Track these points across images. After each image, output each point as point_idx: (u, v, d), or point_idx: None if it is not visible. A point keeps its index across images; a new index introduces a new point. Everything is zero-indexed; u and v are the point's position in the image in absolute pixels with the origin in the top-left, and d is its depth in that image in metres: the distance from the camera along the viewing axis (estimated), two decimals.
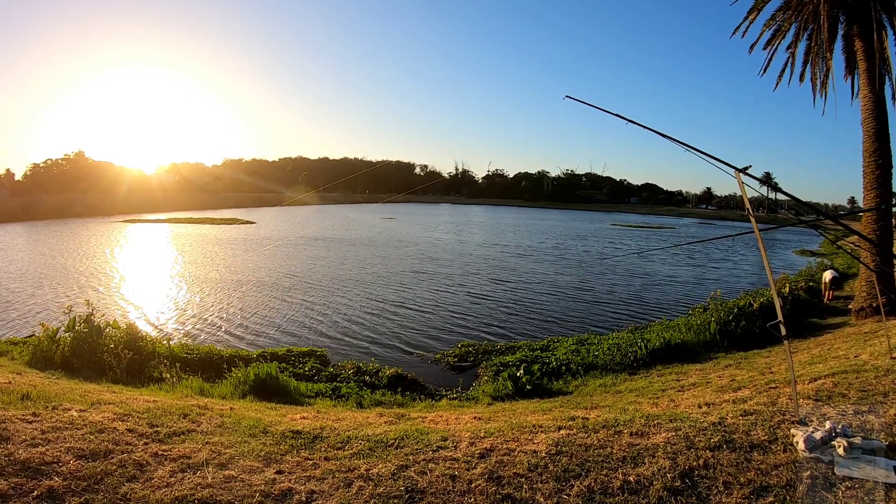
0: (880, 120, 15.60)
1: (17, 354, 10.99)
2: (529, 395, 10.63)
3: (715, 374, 10.44)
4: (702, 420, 5.46)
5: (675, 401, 7.56)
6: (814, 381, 7.11)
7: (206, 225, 61.30)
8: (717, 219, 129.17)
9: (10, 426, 4.75)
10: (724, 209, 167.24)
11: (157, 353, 11.78)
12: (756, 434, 4.95)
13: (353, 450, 5.03)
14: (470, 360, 14.33)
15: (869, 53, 15.62)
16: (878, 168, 15.50)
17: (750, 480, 4.09)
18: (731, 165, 4.73)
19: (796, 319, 16.00)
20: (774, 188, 5.11)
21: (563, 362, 13.19)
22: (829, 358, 9.66)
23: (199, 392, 9.46)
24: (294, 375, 12.03)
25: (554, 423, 5.83)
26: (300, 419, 6.54)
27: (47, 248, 36.97)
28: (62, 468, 4.09)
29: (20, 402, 5.72)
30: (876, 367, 7.51)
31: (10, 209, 65.18)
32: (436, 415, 7.73)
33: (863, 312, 15.36)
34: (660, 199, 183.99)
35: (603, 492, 4.03)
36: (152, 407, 6.20)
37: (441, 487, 4.14)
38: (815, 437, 4.55)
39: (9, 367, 9.40)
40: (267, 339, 16.13)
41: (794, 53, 18.44)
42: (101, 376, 9.90)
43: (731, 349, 13.53)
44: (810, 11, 17.25)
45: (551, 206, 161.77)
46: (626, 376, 11.93)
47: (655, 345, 13.28)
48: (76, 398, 6.37)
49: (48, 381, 8.20)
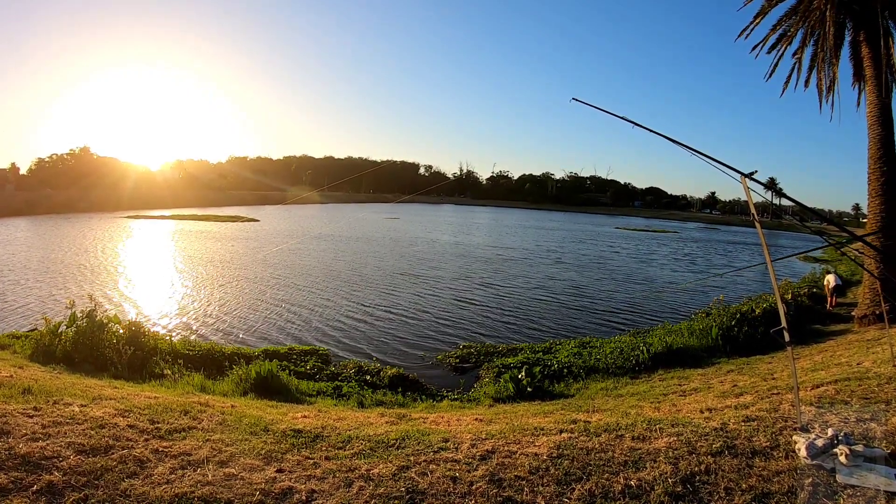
0: (886, 126, 15.53)
1: (18, 348, 11.00)
2: (531, 397, 10.61)
3: (717, 379, 10.41)
4: (704, 425, 5.44)
5: (676, 405, 7.54)
6: (816, 388, 7.09)
7: (211, 222, 61.41)
8: (721, 223, 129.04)
9: (10, 420, 4.75)
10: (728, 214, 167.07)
11: (158, 349, 11.79)
12: (758, 440, 4.93)
13: (353, 449, 5.02)
14: (471, 361, 14.32)
15: (876, 60, 15.55)
16: (884, 175, 15.44)
17: (751, 487, 4.07)
18: (737, 170, 4.71)
19: (799, 326, 15.96)
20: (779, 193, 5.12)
21: (564, 365, 13.16)
22: (832, 365, 9.63)
23: (201, 389, 9.47)
24: (295, 374, 12.03)
25: (555, 426, 5.82)
26: (301, 418, 6.53)
27: (51, 242, 37.06)
28: (62, 463, 4.08)
29: (21, 397, 5.72)
30: (878, 375, 7.48)
31: (16, 204, 65.35)
32: (437, 416, 7.72)
33: (866, 320, 15.29)
34: (664, 203, 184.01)
35: (604, 496, 4.01)
36: (153, 403, 6.20)
37: (442, 489, 4.12)
38: (816, 444, 4.53)
39: (10, 361, 9.42)
40: (269, 337, 16.14)
41: (801, 59, 18.38)
42: (102, 371, 9.92)
43: (734, 354, 13.48)
44: (817, 17, 17.19)
45: (555, 209, 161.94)
46: (628, 380, 11.90)
47: (657, 349, 13.25)
48: (77, 393, 6.37)
49: (49, 376, 8.22)
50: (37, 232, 44.46)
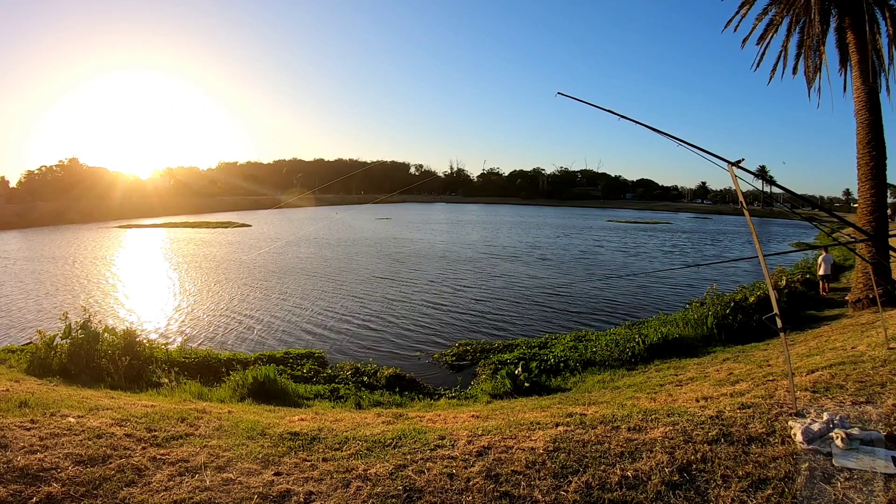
0: (873, 111, 15.64)
1: (14, 362, 10.94)
2: (528, 392, 10.63)
3: (713, 367, 10.45)
4: (699, 414, 5.47)
5: (672, 395, 7.57)
6: (811, 374, 7.13)
7: (202, 229, 61.20)
8: (712, 213, 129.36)
9: (8, 433, 4.74)
10: (720, 203, 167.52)
11: (155, 357, 11.75)
12: (754, 427, 4.95)
13: (350, 450, 5.02)
14: (468, 358, 14.33)
15: (861, 46, 15.65)
16: (873, 159, 15.55)
17: (748, 473, 4.09)
18: (724, 159, 4.73)
19: (793, 312, 16.04)
20: (769, 181, 5.14)
21: (560, 359, 13.19)
22: (827, 350, 9.68)
23: (198, 396, 9.45)
24: (292, 377, 12.02)
25: (552, 420, 5.83)
26: (298, 421, 6.53)
27: (42, 254, 36.84)
28: (60, 474, 4.08)
29: (18, 410, 5.71)
30: (873, 358, 7.52)
31: (6, 216, 64.96)
32: (434, 414, 7.72)
33: (859, 304, 15.40)
34: (655, 194, 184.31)
35: (601, 487, 4.03)
36: (150, 411, 6.19)
37: (439, 486, 4.13)
38: (812, 428, 4.56)
39: (7, 375, 9.37)
40: (264, 342, 16.10)
41: (787, 47, 18.49)
42: (99, 382, 9.88)
43: (729, 343, 13.55)
44: (802, 5, 17.29)
45: (547, 204, 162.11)
46: (624, 372, 11.94)
47: (653, 340, 13.30)
48: (74, 404, 6.35)
49: (46, 388, 8.18)
50: (28, 245, 44.19)
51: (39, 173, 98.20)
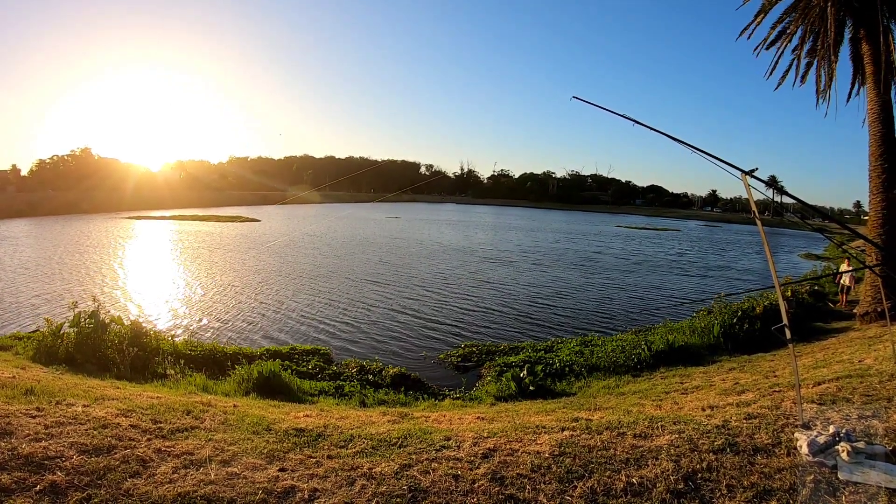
0: (886, 124, 15.51)
1: (21, 349, 11.01)
2: (533, 395, 10.61)
3: (718, 376, 10.41)
4: (705, 423, 5.44)
5: (678, 403, 7.54)
6: (818, 385, 7.08)
7: (212, 222, 61.54)
8: (722, 221, 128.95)
9: (13, 421, 4.76)
10: (730, 212, 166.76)
11: (161, 349, 11.81)
12: (759, 437, 4.93)
13: (356, 448, 5.02)
14: (473, 360, 14.33)
15: (875, 57, 15.53)
16: (885, 172, 15.42)
17: (753, 484, 4.07)
18: (738, 168, 4.69)
19: (801, 323, 15.93)
20: (780, 191, 5.10)
21: (566, 363, 13.16)
22: (834, 362, 9.62)
23: (203, 389, 9.48)
24: (297, 373, 12.04)
25: (557, 424, 5.82)
26: (303, 417, 6.54)
27: (53, 243, 37.11)
28: (65, 463, 4.09)
29: (24, 397, 5.74)
30: (880, 372, 7.47)
31: (17, 205, 65.52)
32: (439, 414, 7.72)
33: (868, 317, 15.27)
34: (665, 201, 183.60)
35: (606, 493, 4.02)
36: (156, 403, 6.21)
37: (444, 487, 4.13)
38: (818, 441, 4.53)
39: (13, 362, 9.43)
40: (270, 337, 16.16)
41: (800, 56, 18.35)
42: (104, 372, 9.93)
43: (735, 352, 13.49)
44: (817, 14, 17.17)
45: (556, 207, 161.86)
46: (630, 378, 11.90)
47: (659, 347, 13.24)
48: (80, 393, 6.38)
49: (52, 377, 8.23)
50: (39, 233, 44.51)
51: (51, 163, 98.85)
